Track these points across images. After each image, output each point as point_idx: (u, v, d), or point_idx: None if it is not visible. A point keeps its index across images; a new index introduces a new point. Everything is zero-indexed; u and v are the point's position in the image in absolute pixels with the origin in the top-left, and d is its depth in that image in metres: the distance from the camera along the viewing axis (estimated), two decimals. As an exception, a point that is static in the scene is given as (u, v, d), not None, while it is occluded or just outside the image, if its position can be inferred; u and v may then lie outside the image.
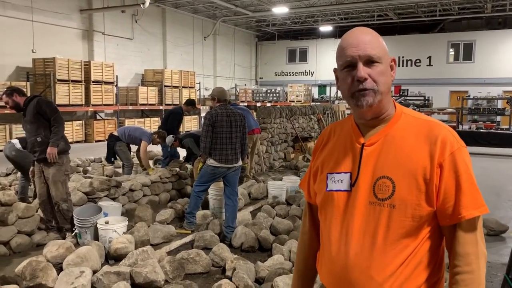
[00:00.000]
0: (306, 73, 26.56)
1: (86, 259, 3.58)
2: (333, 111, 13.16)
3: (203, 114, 16.29)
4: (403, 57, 23.70)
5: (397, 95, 19.97)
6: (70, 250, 3.79)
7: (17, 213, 4.41)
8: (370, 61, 1.22)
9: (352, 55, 1.22)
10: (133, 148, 7.46)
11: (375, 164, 1.24)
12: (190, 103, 8.06)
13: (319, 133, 10.96)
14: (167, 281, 3.51)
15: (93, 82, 14.39)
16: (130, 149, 7.28)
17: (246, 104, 20.51)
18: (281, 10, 19.11)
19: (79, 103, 14.03)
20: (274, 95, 22.01)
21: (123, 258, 3.83)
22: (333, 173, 1.32)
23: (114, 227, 4.23)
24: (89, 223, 4.37)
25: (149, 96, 16.83)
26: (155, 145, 7.30)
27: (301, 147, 10.34)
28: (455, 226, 1.19)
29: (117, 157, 7.18)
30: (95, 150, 11.67)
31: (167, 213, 5.31)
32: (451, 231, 1.20)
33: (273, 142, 9.50)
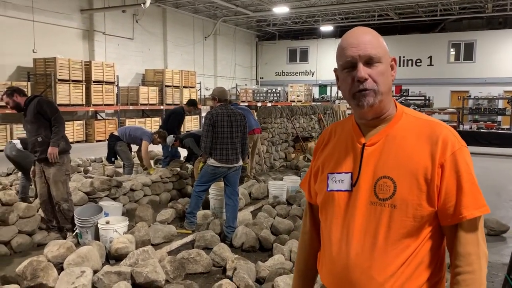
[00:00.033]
0: (306, 73, 26.55)
1: (87, 259, 3.58)
2: (334, 111, 13.15)
3: (204, 114, 16.30)
4: (403, 57, 23.68)
5: (398, 95, 19.96)
6: (71, 250, 3.80)
7: (18, 213, 4.42)
8: (370, 61, 1.21)
9: (352, 55, 1.22)
10: (134, 148, 7.47)
11: (376, 164, 1.24)
12: (191, 103, 8.05)
13: (320, 133, 10.98)
14: (167, 281, 3.51)
15: (94, 82, 14.40)
16: (130, 149, 7.28)
17: (246, 104, 20.51)
18: (281, 10, 19.10)
19: (80, 103, 14.04)
20: (274, 95, 22.01)
21: (123, 258, 3.84)
22: (334, 173, 1.32)
23: (114, 227, 4.24)
24: (90, 223, 4.37)
25: (149, 96, 16.84)
26: (156, 145, 7.30)
27: (301, 147, 10.34)
28: (456, 226, 1.18)
29: (118, 157, 7.19)
30: (96, 150, 11.68)
31: (167, 213, 5.32)
32: (452, 231, 1.20)
33: (273, 142, 9.50)
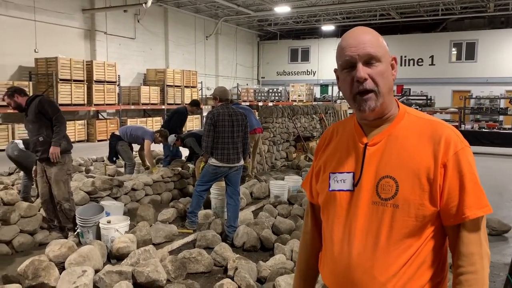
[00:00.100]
0: (308, 73, 26.53)
1: (88, 259, 3.58)
2: (335, 110, 13.14)
3: (205, 113, 16.29)
4: (405, 57, 23.65)
5: (399, 95, 19.95)
6: (72, 249, 3.80)
7: (20, 212, 4.43)
8: (369, 60, 1.21)
9: (351, 55, 1.21)
10: (136, 147, 7.47)
11: (378, 163, 1.24)
12: (194, 103, 8.08)
13: (321, 133, 10.98)
14: (169, 281, 3.50)
15: (95, 81, 14.41)
16: (132, 149, 7.29)
17: (248, 103, 20.51)
18: (283, 9, 19.09)
19: (81, 102, 14.05)
20: (276, 94, 22.01)
21: (125, 257, 3.84)
22: (335, 173, 1.32)
23: (116, 227, 4.24)
24: (91, 222, 4.37)
25: (151, 95, 16.85)
26: (157, 144, 7.31)
27: (303, 146, 10.33)
28: (459, 226, 1.18)
29: (119, 157, 7.19)
30: (97, 149, 11.69)
31: (169, 213, 5.32)
32: (454, 231, 1.19)
33: (275, 141, 9.50)
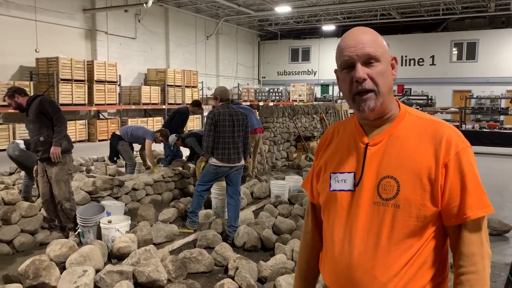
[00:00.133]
0: (308, 73, 26.53)
1: (89, 258, 3.58)
2: (336, 110, 13.13)
3: (206, 113, 16.29)
4: (406, 56, 23.63)
5: (400, 95, 19.95)
6: (73, 249, 3.80)
7: (21, 212, 4.43)
8: (368, 60, 1.20)
9: (349, 55, 1.21)
10: (136, 147, 7.47)
11: (379, 164, 1.24)
12: (196, 104, 8.09)
13: (322, 133, 10.95)
14: (169, 280, 3.51)
15: (96, 81, 14.42)
16: (132, 149, 7.29)
17: (248, 103, 20.52)
18: (283, 9, 19.08)
19: (82, 102, 14.06)
20: (276, 94, 22.02)
21: (126, 257, 3.84)
22: (336, 173, 1.32)
23: (117, 226, 4.24)
24: (92, 222, 4.37)
25: (152, 95, 16.86)
26: (158, 144, 7.32)
27: (303, 146, 10.33)
28: (460, 226, 1.18)
29: (120, 157, 7.20)
30: (98, 149, 11.70)
31: (169, 212, 5.32)
32: (456, 231, 1.19)
33: (275, 141, 9.50)
